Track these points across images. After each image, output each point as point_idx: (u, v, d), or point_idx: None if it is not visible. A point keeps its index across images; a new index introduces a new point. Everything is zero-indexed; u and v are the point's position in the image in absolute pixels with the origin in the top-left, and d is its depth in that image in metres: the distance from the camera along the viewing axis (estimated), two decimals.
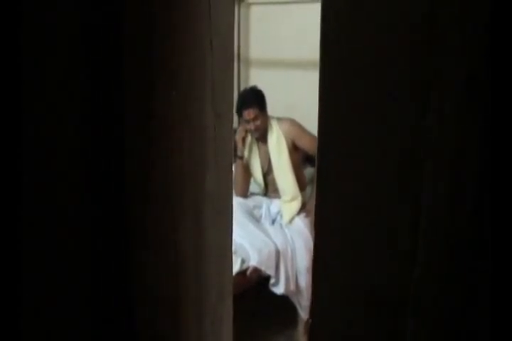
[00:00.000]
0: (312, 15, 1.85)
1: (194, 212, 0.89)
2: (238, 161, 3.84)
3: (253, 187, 3.99)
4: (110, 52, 0.84)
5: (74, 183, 0.84)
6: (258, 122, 3.63)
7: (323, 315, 0.74)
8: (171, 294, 0.90)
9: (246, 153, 3.81)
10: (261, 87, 3.77)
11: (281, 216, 3.75)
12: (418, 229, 0.64)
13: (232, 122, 0.94)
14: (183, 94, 0.85)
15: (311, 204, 3.61)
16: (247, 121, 3.64)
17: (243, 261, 3.37)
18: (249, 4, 5.16)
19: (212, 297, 0.93)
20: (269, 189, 3.93)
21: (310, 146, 3.54)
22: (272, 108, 3.77)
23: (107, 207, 0.87)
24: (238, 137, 3.78)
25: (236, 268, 3.30)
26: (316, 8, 0.74)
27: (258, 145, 3.83)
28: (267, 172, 3.86)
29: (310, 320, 0.75)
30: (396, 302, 0.67)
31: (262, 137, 3.74)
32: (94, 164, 0.85)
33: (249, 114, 3.60)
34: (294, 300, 3.48)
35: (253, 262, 3.36)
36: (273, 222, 3.79)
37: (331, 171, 0.68)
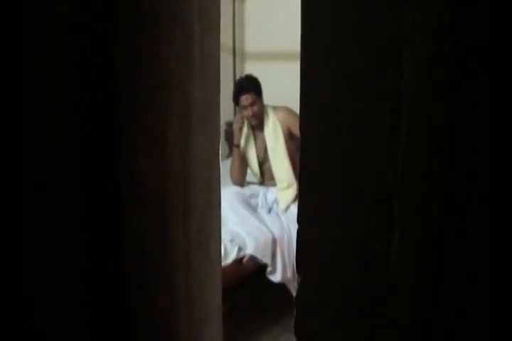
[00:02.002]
0: None
1: (181, 117, 0.87)
2: (235, 150, 3.83)
3: (250, 177, 3.97)
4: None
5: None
6: (255, 108, 3.61)
7: (312, 216, 0.73)
8: (158, 197, 0.88)
9: (242, 142, 3.79)
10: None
11: (278, 204, 3.73)
12: (399, 126, 0.65)
13: (219, 37, 0.91)
14: (170, 7, 0.83)
15: None
16: (245, 107, 3.62)
17: (240, 250, 3.35)
18: None
19: (201, 203, 0.92)
20: (266, 177, 3.90)
21: None
22: (269, 100, 3.75)
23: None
24: (235, 126, 3.76)
25: (233, 256, 3.29)
26: None
27: (254, 134, 3.80)
28: (263, 161, 3.84)
29: (298, 228, 0.76)
30: (384, 201, 0.68)
31: (258, 125, 3.72)
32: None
33: (246, 99, 3.59)
34: (291, 287, 3.46)
35: (250, 250, 3.34)
36: (270, 210, 3.77)
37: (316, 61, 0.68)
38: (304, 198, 0.73)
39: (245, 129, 3.78)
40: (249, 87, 3.63)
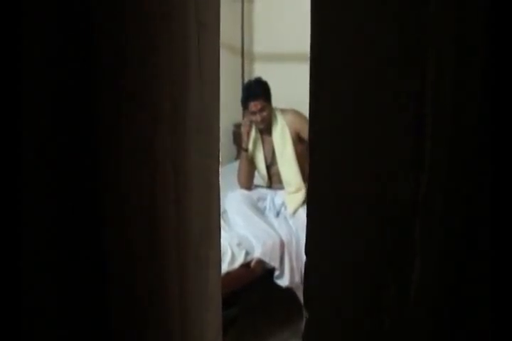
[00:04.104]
0: None
1: (173, 130, 0.76)
2: (243, 153, 3.75)
3: (257, 180, 3.89)
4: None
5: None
6: (264, 113, 3.52)
7: (321, 248, 0.66)
8: (146, 225, 0.78)
9: (250, 146, 3.70)
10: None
11: (286, 207, 3.64)
12: (423, 144, 0.57)
13: (218, 34, 0.80)
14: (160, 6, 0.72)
15: None
16: (253, 113, 3.52)
17: (247, 253, 3.27)
18: None
19: (198, 229, 0.81)
20: (273, 181, 3.82)
21: None
22: (277, 101, 3.66)
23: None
24: (243, 130, 3.68)
25: (240, 260, 3.22)
26: None
27: (262, 138, 3.72)
28: (271, 164, 3.75)
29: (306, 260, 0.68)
30: (402, 233, 0.61)
31: (266, 129, 3.63)
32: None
33: (256, 105, 3.49)
34: (299, 292, 3.38)
35: (257, 254, 3.26)
36: (277, 214, 3.69)
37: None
38: (313, 230, 0.65)
39: (253, 133, 3.69)
40: (258, 92, 3.52)
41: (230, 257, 3.15)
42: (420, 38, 0.55)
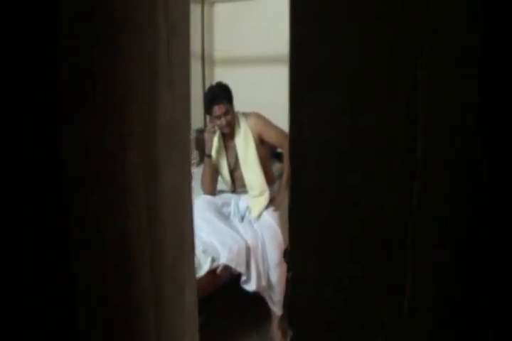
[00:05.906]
0: (275, 12, 1.73)
1: (145, 144, 0.72)
2: (206, 160, 3.71)
3: (221, 185, 3.85)
4: None
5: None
6: (229, 117, 3.49)
7: (305, 261, 0.63)
8: (118, 249, 0.73)
9: (213, 152, 3.67)
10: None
11: (250, 211, 3.62)
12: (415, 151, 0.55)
13: (188, 38, 0.76)
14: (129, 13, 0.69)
15: (280, 199, 3.52)
16: (218, 117, 3.49)
17: (213, 260, 3.23)
18: (213, 3, 5.00)
19: (172, 249, 0.77)
20: (237, 185, 3.79)
21: (276, 139, 3.42)
22: (238, 105, 3.63)
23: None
24: (207, 136, 3.64)
25: (206, 267, 3.17)
26: (281, 3, 0.63)
27: (225, 142, 3.69)
28: (234, 168, 3.72)
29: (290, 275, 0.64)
30: (392, 246, 0.58)
31: (229, 133, 3.60)
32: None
33: (220, 108, 3.45)
34: (266, 296, 3.36)
35: (223, 260, 3.23)
36: (242, 218, 3.66)
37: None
38: (296, 242, 0.62)
39: (216, 138, 3.65)
40: (222, 96, 3.49)
41: (196, 265, 3.11)
42: (411, 37, 0.53)
